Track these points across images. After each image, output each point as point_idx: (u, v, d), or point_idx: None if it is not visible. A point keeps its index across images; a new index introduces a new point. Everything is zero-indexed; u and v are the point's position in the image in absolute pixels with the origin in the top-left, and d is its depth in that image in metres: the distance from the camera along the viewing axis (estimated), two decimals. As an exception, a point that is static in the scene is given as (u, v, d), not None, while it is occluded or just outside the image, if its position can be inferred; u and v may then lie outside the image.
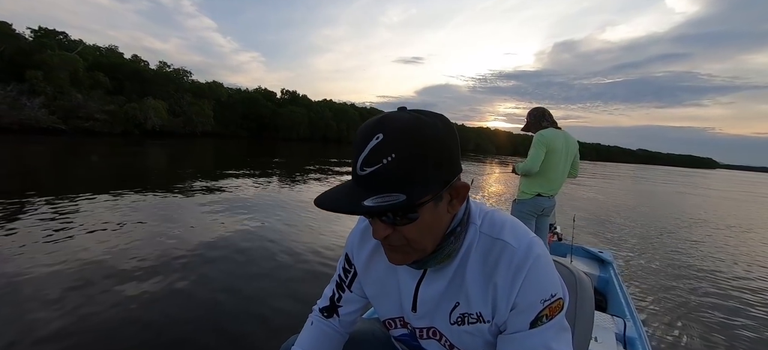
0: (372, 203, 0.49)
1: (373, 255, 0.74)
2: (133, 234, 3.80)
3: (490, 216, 0.64)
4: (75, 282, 2.59)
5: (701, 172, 73.94)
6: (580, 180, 17.56)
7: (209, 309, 2.36)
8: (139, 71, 32.86)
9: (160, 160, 13.54)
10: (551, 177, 2.50)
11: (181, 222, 4.39)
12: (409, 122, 0.50)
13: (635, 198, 12.53)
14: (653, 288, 3.41)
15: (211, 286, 2.70)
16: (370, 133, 0.51)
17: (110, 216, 4.40)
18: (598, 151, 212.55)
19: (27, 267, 2.77)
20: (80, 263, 2.93)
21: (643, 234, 6.12)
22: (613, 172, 33.06)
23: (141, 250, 3.32)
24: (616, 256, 3.75)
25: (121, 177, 8.07)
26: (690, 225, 7.55)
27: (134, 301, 2.39)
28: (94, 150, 14.78)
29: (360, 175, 0.51)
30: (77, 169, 9.37)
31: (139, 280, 2.70)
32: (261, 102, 49.35)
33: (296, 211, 5.53)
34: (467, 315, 0.63)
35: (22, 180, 6.98)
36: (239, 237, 3.96)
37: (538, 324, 0.58)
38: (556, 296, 0.59)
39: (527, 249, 0.58)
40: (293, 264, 3.27)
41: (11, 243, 3.27)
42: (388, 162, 0.49)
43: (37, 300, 2.31)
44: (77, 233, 3.71)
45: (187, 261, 3.15)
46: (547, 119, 2.55)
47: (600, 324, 1.78)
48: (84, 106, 24.58)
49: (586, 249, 3.04)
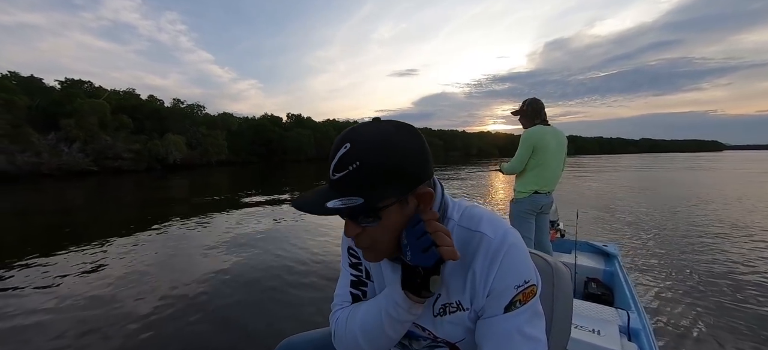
0: (335, 205, 0.57)
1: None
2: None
3: (468, 211, 0.68)
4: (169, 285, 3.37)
5: (706, 156, 69.06)
6: (583, 175, 18.17)
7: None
8: (157, 110, 35.06)
9: (187, 190, 14.33)
10: (546, 174, 2.50)
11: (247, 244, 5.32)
12: (376, 134, 0.58)
13: (639, 189, 12.22)
14: (659, 279, 3.42)
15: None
16: (340, 142, 0.58)
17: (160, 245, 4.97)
18: (600, 144, 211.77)
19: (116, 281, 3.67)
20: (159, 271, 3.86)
21: (649, 224, 6.05)
22: (613, 165, 32.38)
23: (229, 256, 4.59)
24: (621, 248, 3.77)
25: (161, 210, 8.88)
26: (699, 209, 7.43)
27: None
28: (127, 187, 15.70)
29: (332, 179, 0.59)
30: (124, 205, 10.44)
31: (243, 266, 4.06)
32: (268, 127, 51.45)
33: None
34: (448, 305, 0.67)
35: (90, 216, 8.44)
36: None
37: (511, 308, 0.61)
38: (530, 282, 0.62)
39: (502, 239, 0.62)
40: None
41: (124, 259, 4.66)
42: (353, 168, 0.56)
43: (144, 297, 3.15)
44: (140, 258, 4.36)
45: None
46: (541, 116, 2.54)
47: (604, 317, 1.79)
48: (112, 146, 26.52)
49: (590, 244, 3.04)
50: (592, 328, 1.66)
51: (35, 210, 9.37)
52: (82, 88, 31.23)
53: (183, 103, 39.52)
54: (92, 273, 3.83)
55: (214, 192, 12.66)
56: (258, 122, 52.63)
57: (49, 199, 11.85)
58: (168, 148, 30.52)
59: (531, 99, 2.58)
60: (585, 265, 2.68)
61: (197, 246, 4.85)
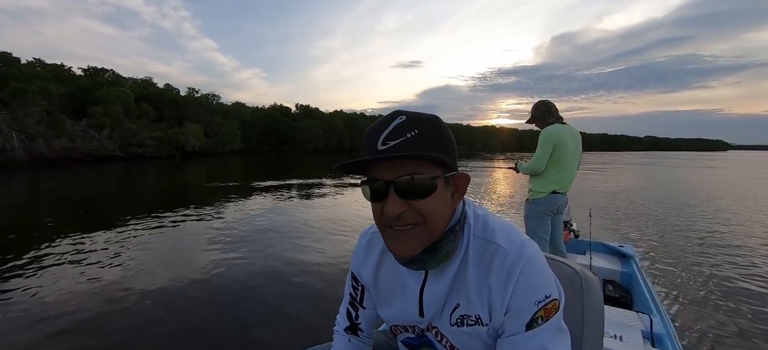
0: (393, 148, 0.54)
1: (379, 265, 0.75)
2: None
3: (482, 219, 0.65)
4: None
5: (707, 155, 69.06)
6: (592, 172, 18.42)
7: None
8: (175, 99, 36.15)
9: (215, 176, 15.21)
10: (564, 174, 2.46)
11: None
12: (425, 113, 0.58)
13: (650, 186, 12.35)
14: (680, 280, 3.31)
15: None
16: (392, 116, 0.56)
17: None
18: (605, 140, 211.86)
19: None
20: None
21: (664, 223, 5.97)
22: (618, 162, 32.75)
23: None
24: (637, 249, 3.70)
25: (191, 192, 10.36)
26: (711, 207, 7.37)
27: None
28: (157, 173, 16.86)
29: (381, 149, 0.54)
30: (163, 190, 11.66)
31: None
32: (278, 118, 52.49)
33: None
34: (467, 317, 0.63)
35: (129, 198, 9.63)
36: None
37: (533, 326, 0.58)
38: (551, 297, 0.58)
39: (519, 251, 0.58)
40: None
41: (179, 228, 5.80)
42: (412, 136, 0.54)
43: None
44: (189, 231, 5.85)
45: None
46: (554, 114, 2.50)
47: (625, 322, 1.72)
48: (136, 134, 27.69)
49: (605, 245, 2.95)
50: (614, 334, 1.60)
51: (88, 192, 10.55)
52: (105, 76, 32.30)
53: (198, 92, 40.62)
54: (147, 246, 4.58)
55: (238, 178, 13.61)
56: (268, 112, 53.70)
57: (89, 183, 12.81)
58: (187, 136, 31.71)
59: (539, 101, 2.59)
60: (600, 267, 2.65)
61: (240, 227, 5.61)
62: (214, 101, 41.75)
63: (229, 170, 17.99)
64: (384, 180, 0.56)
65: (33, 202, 8.96)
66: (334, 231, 5.40)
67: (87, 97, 27.06)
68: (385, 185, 0.56)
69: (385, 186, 0.56)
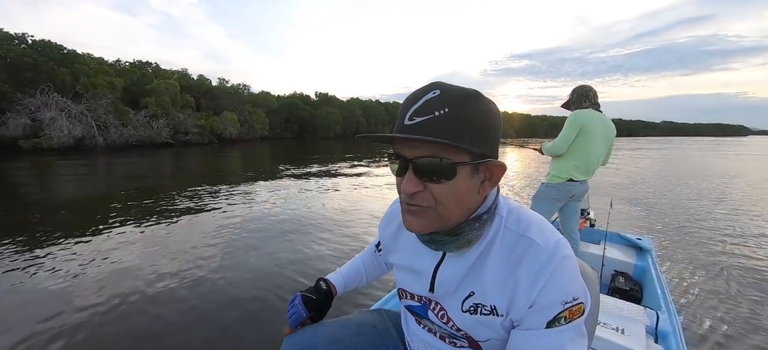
0: (418, 125, 0.53)
1: (398, 234, 0.79)
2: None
3: (516, 212, 0.65)
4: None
5: (725, 141, 65.11)
6: (619, 159, 18.23)
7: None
8: (210, 90, 38.90)
9: (255, 159, 16.95)
10: (586, 161, 2.37)
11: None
12: (467, 89, 0.55)
13: (673, 174, 12.02)
14: (694, 278, 3.25)
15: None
16: (427, 88, 0.55)
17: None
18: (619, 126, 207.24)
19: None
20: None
21: (684, 216, 5.79)
22: (635, 148, 32.16)
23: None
24: (662, 242, 3.45)
25: (245, 170, 12.03)
26: (736, 200, 7.15)
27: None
28: (209, 157, 18.25)
29: (407, 124, 0.54)
30: (230, 171, 12.76)
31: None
32: (300, 106, 54.96)
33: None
34: (481, 306, 0.64)
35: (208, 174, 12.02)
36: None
37: (555, 324, 0.58)
38: (578, 300, 0.58)
39: (554, 250, 0.59)
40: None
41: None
42: (440, 114, 0.52)
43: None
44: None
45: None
46: (590, 100, 2.40)
47: (631, 315, 1.70)
48: (183, 122, 30.53)
49: (622, 236, 2.91)
50: (616, 326, 1.58)
51: (174, 172, 12.39)
52: (150, 69, 35.19)
53: (228, 82, 43.32)
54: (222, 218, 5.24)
55: (285, 162, 14.79)
56: (290, 100, 56.23)
57: (162, 165, 14.24)
58: (225, 124, 34.52)
59: (578, 85, 2.50)
60: (614, 258, 2.65)
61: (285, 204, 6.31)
62: (244, 91, 44.43)
63: (266, 156, 18.75)
64: (405, 157, 0.57)
65: (155, 176, 10.80)
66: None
67: (138, 89, 29.89)
68: (405, 162, 0.57)
69: (405, 163, 0.57)
